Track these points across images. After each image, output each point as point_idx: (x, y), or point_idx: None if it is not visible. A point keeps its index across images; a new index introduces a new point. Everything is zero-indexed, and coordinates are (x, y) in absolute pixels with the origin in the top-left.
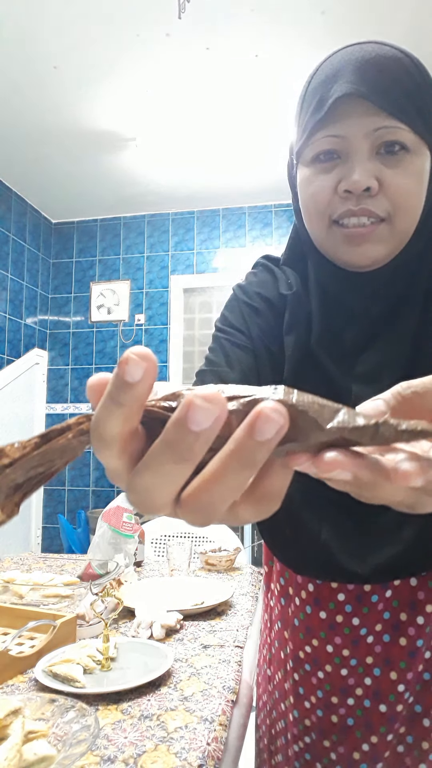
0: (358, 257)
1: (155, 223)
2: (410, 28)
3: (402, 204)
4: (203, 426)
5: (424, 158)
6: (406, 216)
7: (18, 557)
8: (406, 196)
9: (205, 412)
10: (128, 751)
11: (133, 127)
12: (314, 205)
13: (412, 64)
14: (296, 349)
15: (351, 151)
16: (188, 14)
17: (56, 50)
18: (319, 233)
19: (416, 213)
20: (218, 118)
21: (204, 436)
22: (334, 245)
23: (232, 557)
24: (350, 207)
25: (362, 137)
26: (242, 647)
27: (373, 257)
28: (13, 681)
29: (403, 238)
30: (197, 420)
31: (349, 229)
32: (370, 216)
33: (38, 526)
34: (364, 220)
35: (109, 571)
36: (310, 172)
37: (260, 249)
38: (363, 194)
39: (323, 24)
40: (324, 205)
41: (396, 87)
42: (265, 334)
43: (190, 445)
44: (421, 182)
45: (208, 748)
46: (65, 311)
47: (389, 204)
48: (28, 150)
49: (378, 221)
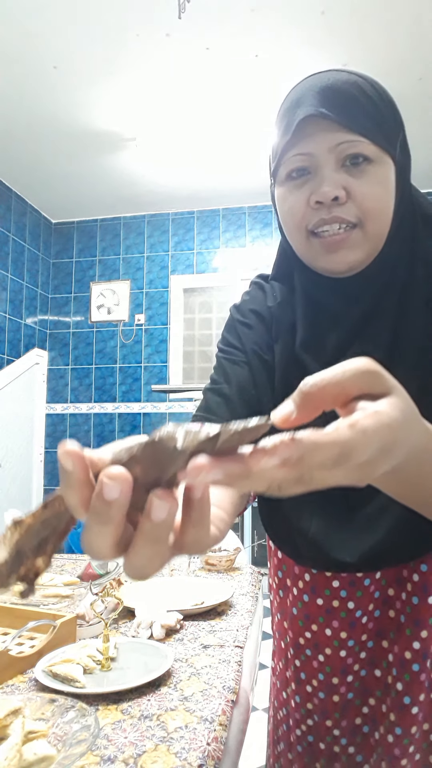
0: (336, 263)
1: (155, 223)
2: (410, 28)
3: (370, 209)
4: (113, 496)
5: (387, 167)
6: (376, 220)
7: None
8: (373, 202)
9: (111, 487)
10: (128, 751)
11: (133, 127)
12: (291, 219)
13: (368, 84)
14: (283, 356)
15: (319, 166)
16: (188, 14)
17: (56, 50)
18: (299, 245)
19: (385, 217)
20: (218, 118)
21: (116, 504)
22: (314, 255)
23: (232, 557)
24: (323, 216)
25: (327, 152)
26: (242, 647)
27: (350, 262)
28: (13, 681)
29: (377, 242)
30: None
31: (326, 238)
32: (341, 222)
33: None
34: (336, 227)
35: (109, 571)
36: (285, 190)
37: (260, 249)
38: (333, 203)
39: (323, 24)
40: (299, 217)
41: (354, 105)
42: (259, 346)
43: (107, 512)
44: (387, 188)
45: (208, 748)
46: (65, 311)
47: (358, 210)
48: (28, 150)
49: (350, 227)
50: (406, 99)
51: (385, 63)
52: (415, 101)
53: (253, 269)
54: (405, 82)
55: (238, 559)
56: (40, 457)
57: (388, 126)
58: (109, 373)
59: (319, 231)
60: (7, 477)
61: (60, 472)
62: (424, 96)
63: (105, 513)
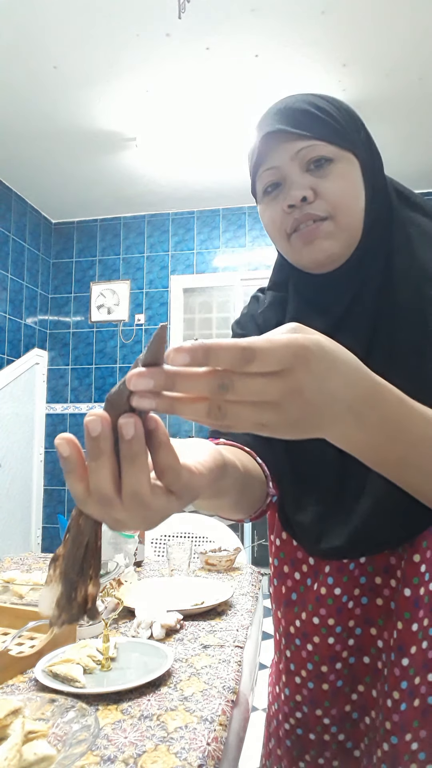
0: (314, 253)
1: (155, 223)
2: (410, 28)
3: (338, 203)
4: (97, 430)
5: (349, 164)
6: (346, 212)
7: (18, 557)
8: (340, 196)
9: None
10: (128, 751)
11: (133, 127)
12: (273, 227)
13: (320, 99)
14: None
15: (286, 175)
16: (188, 14)
17: (56, 50)
18: (283, 248)
19: (354, 209)
20: (218, 118)
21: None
22: (297, 252)
23: (232, 557)
24: (296, 217)
25: (290, 161)
26: (242, 647)
27: (326, 250)
28: (13, 681)
29: (351, 233)
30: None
31: (301, 231)
32: (314, 218)
33: (38, 526)
34: (310, 223)
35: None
36: (264, 204)
37: (260, 249)
38: (303, 204)
39: (323, 24)
40: (279, 224)
41: (306, 116)
42: None
43: (97, 445)
44: (352, 182)
45: (208, 748)
46: (65, 311)
47: (327, 205)
48: (28, 150)
49: (321, 220)
50: (406, 99)
51: (385, 63)
52: (415, 101)
53: (253, 269)
54: (405, 82)
55: (238, 559)
56: (40, 457)
57: (344, 128)
58: (109, 373)
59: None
60: (7, 477)
61: (60, 461)
62: (424, 96)
63: (95, 447)
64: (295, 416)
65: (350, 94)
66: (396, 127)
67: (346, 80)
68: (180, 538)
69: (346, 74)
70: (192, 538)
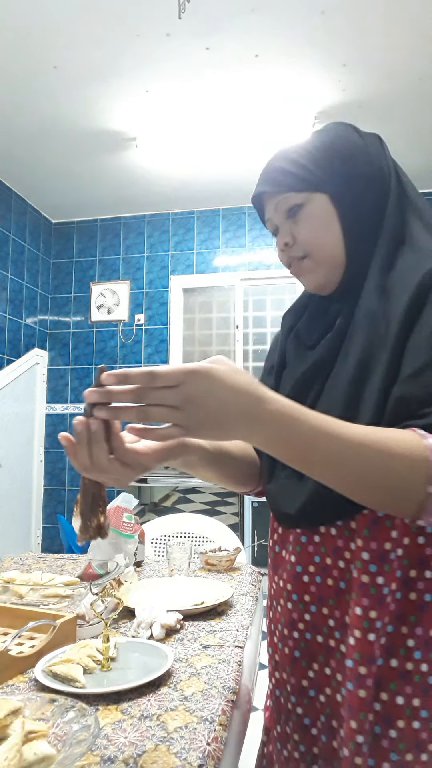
0: (306, 284)
1: (155, 223)
2: (410, 28)
3: (310, 242)
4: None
5: (317, 203)
6: (319, 248)
7: (18, 557)
8: (311, 236)
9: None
10: (128, 751)
11: (133, 127)
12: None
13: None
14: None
15: (277, 224)
16: (188, 14)
17: (56, 50)
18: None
19: (327, 243)
20: (218, 118)
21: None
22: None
23: (232, 557)
24: (288, 256)
25: (275, 213)
26: (242, 647)
27: (312, 282)
28: (13, 681)
29: (331, 264)
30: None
31: (292, 268)
32: (294, 260)
33: (38, 526)
34: (295, 261)
35: (109, 571)
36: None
37: (260, 249)
38: (286, 248)
39: (323, 24)
40: (282, 260)
41: (280, 173)
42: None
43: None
44: (322, 219)
45: (208, 748)
46: (65, 311)
47: (302, 247)
48: (28, 150)
49: (300, 259)
50: (406, 99)
51: (385, 63)
52: (415, 101)
53: (253, 269)
54: (405, 82)
55: (238, 559)
56: (40, 457)
57: (313, 171)
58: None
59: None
60: (7, 477)
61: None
62: (424, 96)
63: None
64: (197, 417)
65: (350, 94)
66: (396, 127)
67: (346, 80)
68: (180, 538)
69: (346, 74)
70: (192, 538)
